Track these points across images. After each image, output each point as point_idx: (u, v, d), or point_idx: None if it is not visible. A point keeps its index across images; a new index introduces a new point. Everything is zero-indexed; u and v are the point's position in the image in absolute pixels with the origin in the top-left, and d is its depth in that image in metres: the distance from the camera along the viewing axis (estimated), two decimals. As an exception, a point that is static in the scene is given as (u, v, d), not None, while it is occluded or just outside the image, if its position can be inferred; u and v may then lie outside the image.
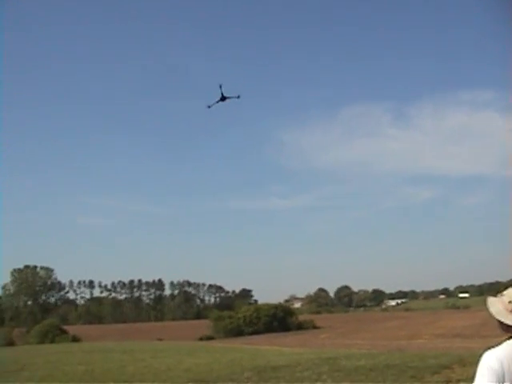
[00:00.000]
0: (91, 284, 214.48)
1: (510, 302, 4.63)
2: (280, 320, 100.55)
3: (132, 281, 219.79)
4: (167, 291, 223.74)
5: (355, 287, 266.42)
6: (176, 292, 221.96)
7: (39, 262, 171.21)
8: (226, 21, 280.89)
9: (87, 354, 42.42)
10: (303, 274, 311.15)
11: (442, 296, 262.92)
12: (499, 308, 4.68)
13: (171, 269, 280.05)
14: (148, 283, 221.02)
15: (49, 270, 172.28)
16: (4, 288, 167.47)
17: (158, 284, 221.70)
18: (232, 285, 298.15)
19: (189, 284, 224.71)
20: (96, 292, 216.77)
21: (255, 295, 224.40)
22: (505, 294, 4.74)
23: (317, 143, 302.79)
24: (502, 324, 4.66)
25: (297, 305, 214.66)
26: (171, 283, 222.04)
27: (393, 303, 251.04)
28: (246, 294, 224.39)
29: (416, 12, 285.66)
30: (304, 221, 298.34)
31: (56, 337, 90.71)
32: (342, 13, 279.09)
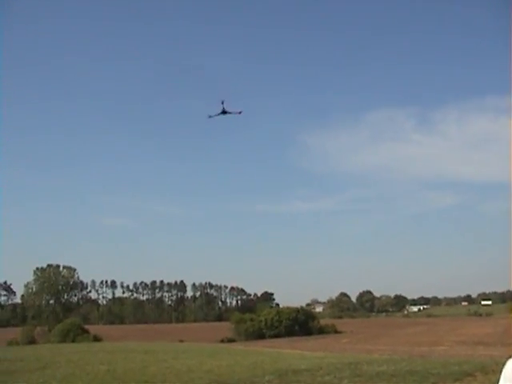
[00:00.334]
0: (113, 284, 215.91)
1: None
2: (301, 324, 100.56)
3: (154, 282, 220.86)
4: (189, 293, 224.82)
5: (377, 292, 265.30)
6: (198, 294, 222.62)
7: (62, 262, 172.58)
8: (250, 24, 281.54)
9: (109, 354, 42.71)
10: (325, 278, 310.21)
11: (465, 303, 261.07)
12: None
13: (193, 270, 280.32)
14: (170, 284, 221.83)
15: (71, 270, 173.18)
16: (27, 287, 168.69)
17: (180, 285, 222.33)
18: (254, 287, 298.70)
19: (211, 286, 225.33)
20: (118, 292, 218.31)
21: (277, 298, 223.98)
22: None
23: (341, 147, 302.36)
24: None
25: (318, 309, 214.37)
26: (193, 285, 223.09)
27: (415, 309, 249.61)
28: (268, 297, 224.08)
29: (442, 18, 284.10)
30: (327, 224, 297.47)
31: (77, 336, 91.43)
32: (369, 18, 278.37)
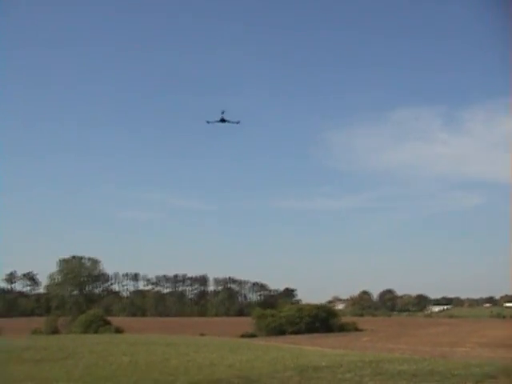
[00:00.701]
0: (136, 277, 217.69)
1: None
2: (322, 321, 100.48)
3: (176, 275, 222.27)
4: (211, 287, 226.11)
5: (399, 291, 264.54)
6: (219, 288, 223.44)
7: (86, 253, 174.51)
8: (274, 24, 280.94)
9: (131, 346, 43.11)
10: (347, 276, 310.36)
11: (487, 304, 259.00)
12: None
13: (216, 265, 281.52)
14: (192, 278, 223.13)
15: (95, 262, 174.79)
16: (51, 277, 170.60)
17: (202, 279, 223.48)
18: (275, 283, 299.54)
19: (233, 281, 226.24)
20: (140, 285, 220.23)
21: (298, 295, 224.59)
22: None
23: (366, 145, 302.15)
24: None
25: (339, 306, 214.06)
26: (215, 279, 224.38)
27: (437, 309, 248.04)
28: (289, 293, 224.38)
29: (472, 18, 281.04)
30: (350, 222, 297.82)
31: (100, 327, 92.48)
32: (397, 17, 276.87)
